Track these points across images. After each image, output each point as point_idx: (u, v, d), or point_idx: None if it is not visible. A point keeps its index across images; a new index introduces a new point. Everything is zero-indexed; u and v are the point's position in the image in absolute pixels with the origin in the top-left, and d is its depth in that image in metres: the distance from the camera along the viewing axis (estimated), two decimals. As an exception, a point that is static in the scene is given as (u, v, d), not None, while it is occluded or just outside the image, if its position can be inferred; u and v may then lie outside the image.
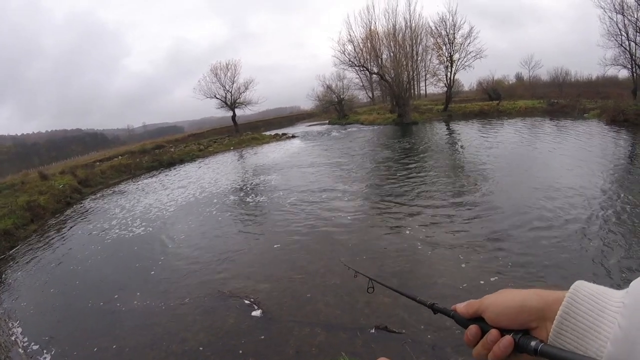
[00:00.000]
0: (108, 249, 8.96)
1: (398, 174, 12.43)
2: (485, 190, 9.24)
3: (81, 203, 15.79)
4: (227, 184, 14.66)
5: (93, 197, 16.94)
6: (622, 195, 7.89)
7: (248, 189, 13.40)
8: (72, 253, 9.13)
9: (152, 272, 7.14)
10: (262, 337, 4.62)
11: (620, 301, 0.51)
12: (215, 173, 18.44)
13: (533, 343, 0.56)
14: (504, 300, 0.63)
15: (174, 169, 22.73)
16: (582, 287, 0.55)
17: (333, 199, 10.31)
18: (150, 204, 13.11)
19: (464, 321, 0.70)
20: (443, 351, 3.87)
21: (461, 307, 0.70)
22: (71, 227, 11.64)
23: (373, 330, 4.39)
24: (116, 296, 6.33)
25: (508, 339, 0.59)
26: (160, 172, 21.97)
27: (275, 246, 7.54)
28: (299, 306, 5.21)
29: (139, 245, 8.92)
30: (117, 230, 10.35)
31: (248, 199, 11.89)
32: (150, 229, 9.99)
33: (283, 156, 21.04)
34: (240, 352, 4.40)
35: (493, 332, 0.62)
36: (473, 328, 0.66)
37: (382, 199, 9.84)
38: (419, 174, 12.01)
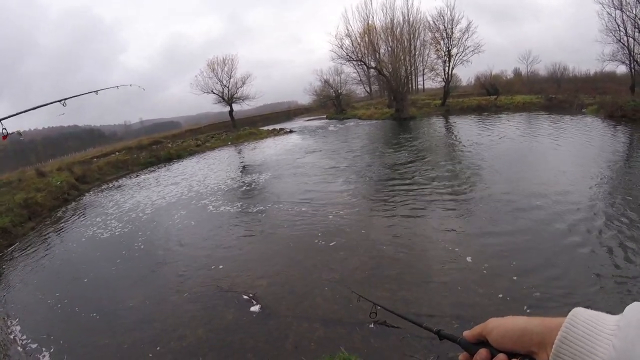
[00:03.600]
0: (104, 247, 8.95)
1: (395, 171, 12.45)
2: (484, 191, 9.26)
3: (79, 200, 15.71)
4: (223, 181, 14.63)
5: (90, 193, 16.87)
6: (623, 192, 7.94)
7: (245, 186, 13.37)
8: (69, 251, 9.11)
9: (150, 269, 7.13)
10: (261, 332, 4.63)
11: (615, 324, 0.53)
12: (209, 170, 18.37)
13: None
14: (507, 324, 0.65)
15: (172, 164, 22.62)
16: (580, 313, 0.58)
17: (329, 195, 10.32)
18: (144, 201, 13.06)
19: (470, 346, 0.71)
20: (441, 346, 3.89)
21: (467, 332, 0.73)
22: (69, 225, 11.60)
23: (372, 325, 4.41)
24: (114, 293, 6.33)
25: None
26: (158, 168, 21.84)
27: (272, 242, 7.55)
28: (297, 301, 5.22)
29: (135, 242, 8.88)
30: (113, 228, 10.32)
31: (245, 196, 11.88)
32: (146, 227, 9.97)
33: (281, 151, 20.98)
34: (239, 347, 4.41)
35: (501, 357, 0.64)
36: (484, 352, 0.68)
37: (377, 197, 9.87)
38: (416, 172, 12.03)
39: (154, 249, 8.20)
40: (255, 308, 5.17)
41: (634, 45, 24.56)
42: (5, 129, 2.98)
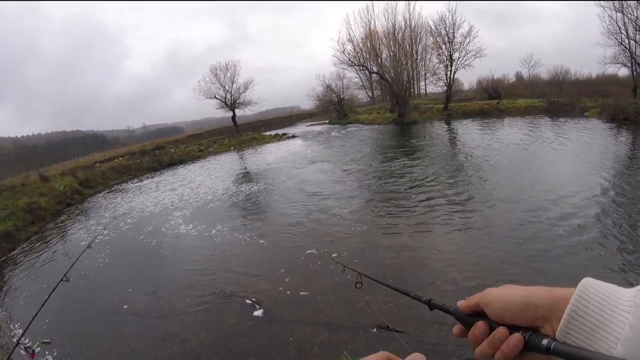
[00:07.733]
0: (108, 251, 8.95)
1: (397, 177, 12.45)
2: (488, 195, 9.24)
3: (82, 204, 15.79)
4: (224, 187, 14.68)
5: (94, 198, 16.95)
6: (627, 194, 7.91)
7: (247, 192, 13.41)
8: (72, 255, 9.12)
9: (153, 274, 7.14)
10: (264, 336, 4.62)
11: (631, 300, 0.48)
12: (208, 176, 18.46)
13: (545, 341, 0.52)
14: (508, 295, 0.58)
15: (174, 169, 22.74)
16: (591, 285, 0.52)
17: (330, 201, 10.33)
18: (147, 206, 13.11)
19: (465, 317, 0.65)
20: (445, 348, 3.87)
21: (462, 302, 0.66)
22: (71, 229, 11.64)
23: (375, 330, 4.39)
24: (117, 298, 6.32)
25: (518, 336, 0.55)
26: (160, 173, 21.97)
27: (274, 248, 7.55)
28: (300, 306, 5.20)
29: (138, 247, 8.91)
30: (116, 233, 10.35)
31: (248, 202, 11.91)
32: (149, 232, 9.99)
33: (283, 157, 21.04)
34: (242, 351, 4.40)
35: (501, 330, 0.57)
36: (482, 325, 0.61)
37: (381, 206, 9.85)
38: (418, 177, 12.03)
39: (153, 254, 8.22)
40: (258, 313, 5.16)
41: (635, 48, 24.61)
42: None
